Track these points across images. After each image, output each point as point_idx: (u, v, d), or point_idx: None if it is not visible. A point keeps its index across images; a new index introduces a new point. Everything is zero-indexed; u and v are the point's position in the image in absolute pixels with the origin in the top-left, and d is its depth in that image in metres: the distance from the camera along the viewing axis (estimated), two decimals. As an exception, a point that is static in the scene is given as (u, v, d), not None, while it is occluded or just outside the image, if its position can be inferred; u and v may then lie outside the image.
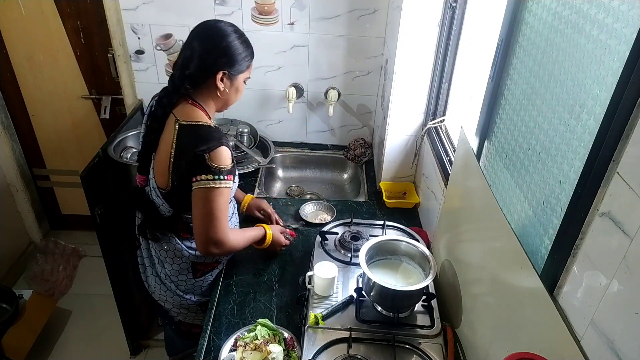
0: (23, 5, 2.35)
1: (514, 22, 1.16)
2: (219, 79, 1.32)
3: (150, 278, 1.60)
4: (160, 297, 1.62)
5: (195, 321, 1.70)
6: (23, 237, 2.97)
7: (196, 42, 1.30)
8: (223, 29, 1.32)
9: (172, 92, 1.34)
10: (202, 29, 1.33)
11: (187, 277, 1.55)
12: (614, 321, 0.69)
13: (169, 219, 1.44)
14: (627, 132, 0.68)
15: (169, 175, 1.33)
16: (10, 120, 2.70)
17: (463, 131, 1.33)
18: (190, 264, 1.53)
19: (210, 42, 1.30)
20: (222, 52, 1.30)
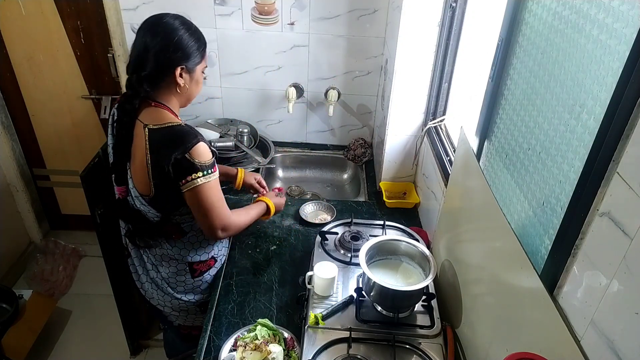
0: (23, 5, 2.35)
1: (514, 22, 1.16)
2: (178, 75, 1.30)
3: (146, 284, 1.58)
4: (159, 302, 1.61)
5: (195, 323, 1.70)
6: (23, 237, 2.97)
7: (147, 39, 1.26)
8: (170, 24, 1.28)
9: (132, 96, 1.30)
10: (150, 26, 1.28)
11: (185, 278, 1.55)
12: (614, 321, 0.69)
13: (158, 224, 1.41)
14: (627, 132, 0.68)
15: (149, 182, 1.30)
16: (10, 120, 2.70)
17: (463, 131, 1.33)
18: (186, 264, 1.52)
19: (161, 39, 1.26)
20: (175, 47, 1.26)
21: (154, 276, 1.55)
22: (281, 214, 1.90)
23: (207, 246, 1.55)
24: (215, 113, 2.43)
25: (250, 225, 1.57)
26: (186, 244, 1.48)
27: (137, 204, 1.39)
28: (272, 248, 1.75)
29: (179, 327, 1.72)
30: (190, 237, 1.48)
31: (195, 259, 1.53)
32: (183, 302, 1.60)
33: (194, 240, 1.50)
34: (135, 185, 1.35)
